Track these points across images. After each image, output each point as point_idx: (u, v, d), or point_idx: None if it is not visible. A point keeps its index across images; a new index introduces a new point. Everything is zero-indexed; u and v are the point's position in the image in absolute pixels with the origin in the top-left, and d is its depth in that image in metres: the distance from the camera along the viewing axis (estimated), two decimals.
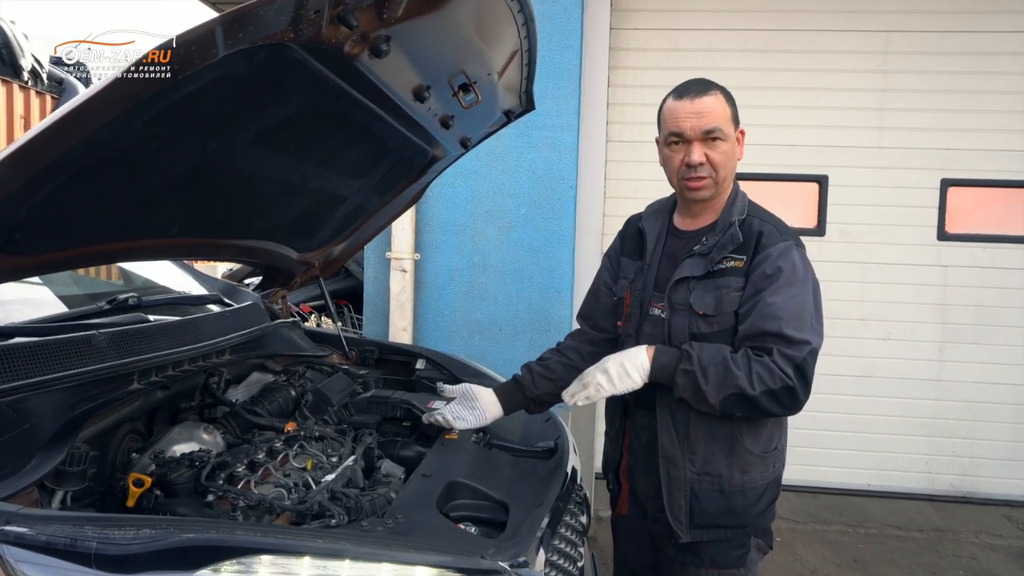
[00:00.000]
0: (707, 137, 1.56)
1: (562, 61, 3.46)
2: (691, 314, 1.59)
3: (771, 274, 1.53)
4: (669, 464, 1.62)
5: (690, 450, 1.60)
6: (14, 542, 0.89)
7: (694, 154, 1.57)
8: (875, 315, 3.96)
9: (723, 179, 1.60)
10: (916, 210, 3.87)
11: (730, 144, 1.59)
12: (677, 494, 1.61)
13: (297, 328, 2.53)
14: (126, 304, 1.84)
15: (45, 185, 1.06)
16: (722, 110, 1.57)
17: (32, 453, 1.21)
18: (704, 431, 1.59)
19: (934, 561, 3.34)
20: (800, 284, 1.55)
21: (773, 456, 1.66)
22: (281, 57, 1.16)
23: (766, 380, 1.47)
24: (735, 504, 1.60)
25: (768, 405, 1.49)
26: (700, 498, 1.60)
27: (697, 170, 1.58)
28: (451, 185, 3.54)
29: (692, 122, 1.56)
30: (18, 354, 1.31)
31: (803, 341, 1.49)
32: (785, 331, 1.48)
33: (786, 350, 1.48)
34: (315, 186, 1.91)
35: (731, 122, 1.59)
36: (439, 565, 1.08)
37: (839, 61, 3.82)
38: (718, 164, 1.57)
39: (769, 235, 1.57)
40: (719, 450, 1.59)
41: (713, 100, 1.57)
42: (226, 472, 1.51)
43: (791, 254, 1.55)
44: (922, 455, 4.03)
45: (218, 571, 0.92)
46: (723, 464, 1.59)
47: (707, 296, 1.58)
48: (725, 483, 1.60)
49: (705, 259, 1.60)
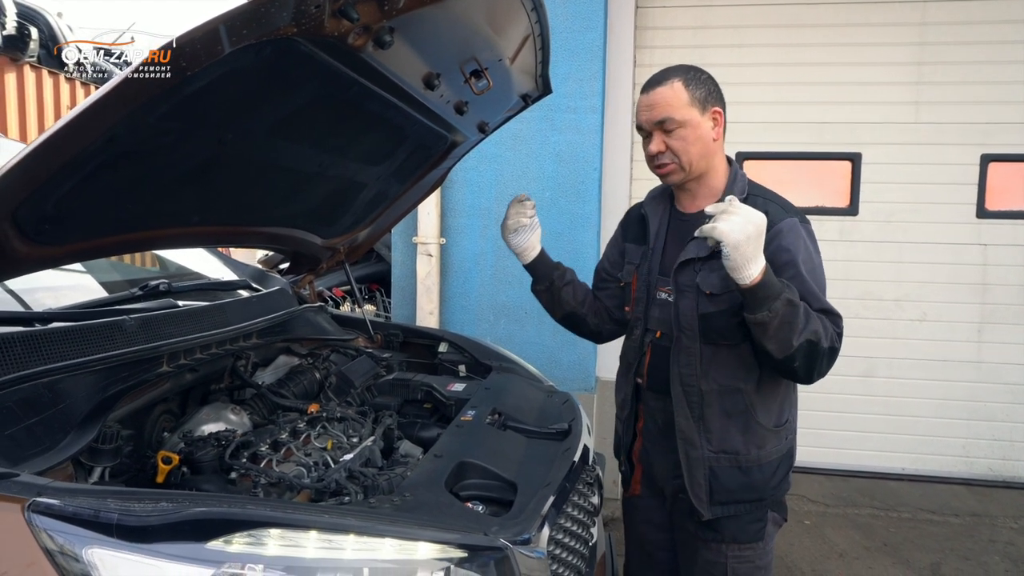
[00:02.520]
0: (661, 128, 1.62)
1: (585, 42, 3.43)
2: (698, 294, 1.62)
3: (788, 249, 1.56)
4: (687, 445, 1.67)
5: (706, 429, 1.65)
6: (44, 512, 0.96)
7: (652, 144, 1.65)
8: (911, 296, 3.87)
9: (688, 163, 1.63)
10: (954, 187, 3.76)
11: (690, 129, 1.61)
12: (696, 473, 1.66)
13: (323, 312, 2.60)
14: (157, 290, 1.93)
15: (70, 178, 1.12)
16: (675, 98, 1.60)
17: (66, 431, 1.28)
18: (718, 410, 1.64)
19: (968, 546, 3.28)
20: (814, 260, 1.60)
21: (785, 429, 1.71)
22: (288, 51, 1.19)
23: (831, 337, 1.52)
24: (753, 479, 1.65)
25: (821, 363, 1.52)
26: (719, 475, 1.65)
27: (658, 158, 1.65)
28: (476, 170, 3.57)
29: (646, 115, 1.64)
30: (53, 339, 1.39)
31: (839, 314, 1.56)
32: (826, 305, 1.55)
33: (830, 321, 1.54)
34: (334, 174, 1.95)
35: (689, 107, 1.60)
36: (442, 541, 1.12)
37: (872, 34, 3.71)
38: (678, 150, 1.62)
39: (775, 213, 1.59)
40: (734, 428, 1.64)
41: (666, 90, 1.61)
42: (250, 451, 1.58)
43: (798, 229, 1.59)
44: (960, 438, 3.94)
45: (229, 542, 0.98)
46: (739, 441, 1.64)
47: (712, 276, 1.60)
48: (742, 459, 1.64)
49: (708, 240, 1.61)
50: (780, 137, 3.86)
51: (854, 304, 3.91)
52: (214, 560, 0.95)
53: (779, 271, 1.52)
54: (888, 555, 3.20)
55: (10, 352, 1.29)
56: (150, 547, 0.94)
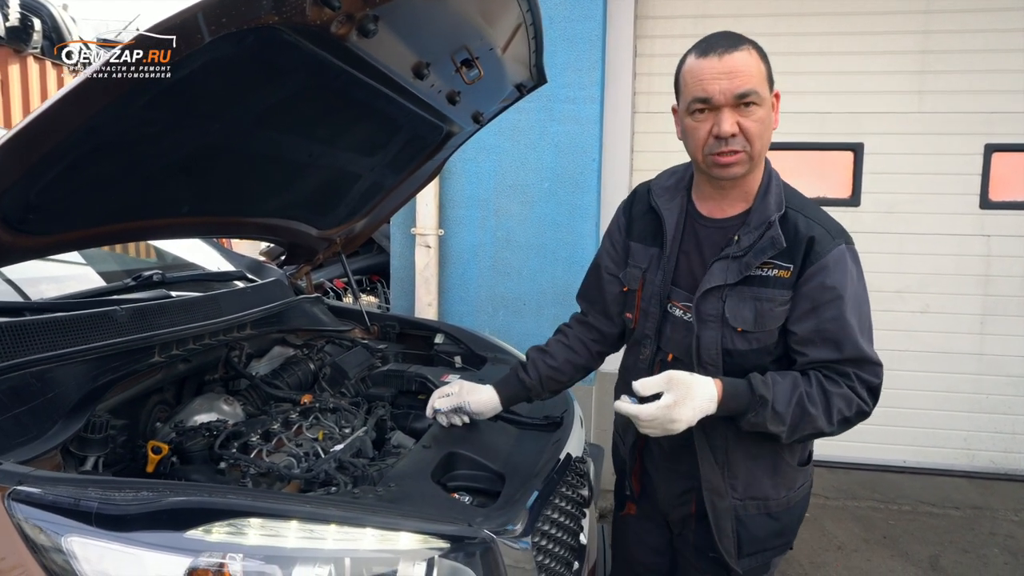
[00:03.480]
0: (740, 102, 1.28)
1: (583, 31, 3.41)
2: (724, 327, 1.39)
3: (833, 287, 1.33)
4: (713, 495, 1.46)
5: (731, 475, 1.45)
6: (24, 500, 0.96)
7: (725, 123, 1.28)
8: (912, 287, 3.84)
9: (758, 153, 1.33)
10: (957, 177, 3.73)
11: (766, 110, 1.30)
12: (724, 525, 1.47)
13: (320, 304, 2.60)
14: (150, 280, 1.94)
15: (50, 168, 1.12)
16: (756, 68, 1.29)
17: (55, 420, 1.29)
18: (743, 454, 1.44)
19: (968, 539, 3.27)
20: (862, 291, 1.39)
21: (810, 463, 1.57)
22: (271, 39, 1.18)
23: (843, 411, 1.33)
24: (783, 524, 1.49)
25: (839, 431, 1.37)
26: (747, 525, 1.47)
27: (729, 143, 1.30)
28: (474, 160, 3.56)
29: (722, 84, 1.27)
30: (43, 328, 1.39)
31: (878, 363, 1.36)
32: (866, 353, 1.34)
33: (865, 375, 1.35)
34: (325, 164, 1.95)
35: (766, 83, 1.31)
36: (423, 531, 1.12)
37: (877, 23, 3.66)
38: (753, 135, 1.30)
39: (821, 240, 1.34)
40: (762, 471, 1.45)
41: (746, 56, 1.28)
42: (240, 441, 1.58)
43: (846, 260, 1.35)
44: (961, 431, 3.92)
45: (209, 532, 0.99)
46: (768, 485, 1.46)
47: (744, 308, 1.37)
48: (772, 505, 1.47)
49: (739, 262, 1.37)
50: (781, 127, 3.74)
51: None
52: (192, 549, 0.96)
53: (821, 309, 1.33)
54: (887, 547, 3.19)
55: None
56: (129, 536, 0.95)
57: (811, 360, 1.36)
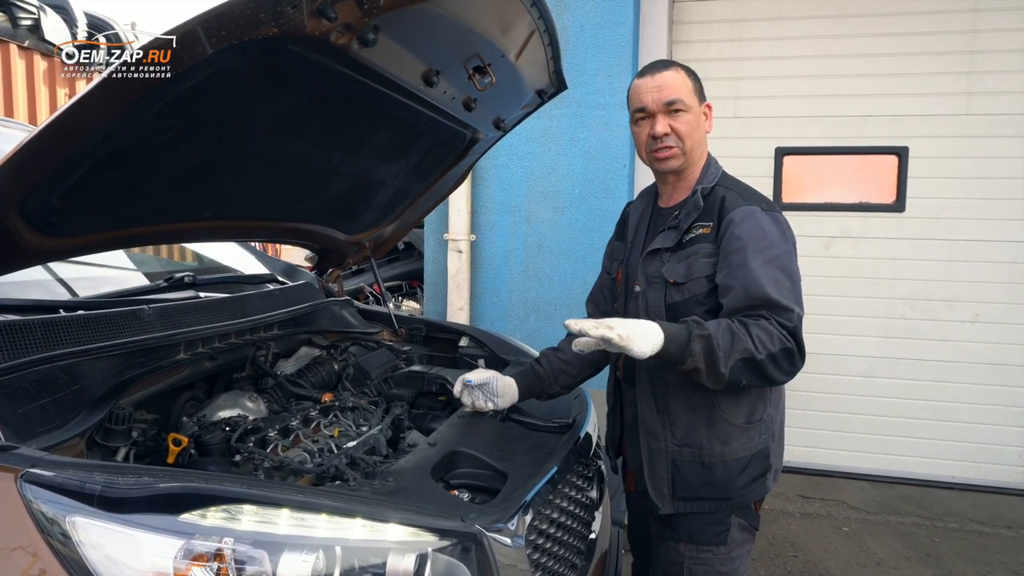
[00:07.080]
0: (669, 109, 1.62)
1: (614, 38, 3.41)
2: (664, 284, 1.63)
3: (739, 237, 1.54)
4: (650, 436, 1.66)
5: (670, 422, 1.63)
6: (35, 482, 1.03)
7: (658, 125, 1.63)
8: (961, 296, 3.69)
9: (690, 149, 1.64)
10: (1008, 181, 3.57)
11: (693, 115, 1.64)
12: (658, 466, 1.64)
13: (349, 307, 2.67)
14: (181, 282, 2.03)
15: (70, 173, 1.19)
16: (682, 83, 1.63)
17: (78, 411, 1.37)
18: (683, 402, 1.62)
19: (1020, 560, 3.11)
20: (773, 248, 1.55)
21: (756, 428, 1.63)
22: (275, 50, 1.24)
23: (767, 343, 1.46)
24: (716, 476, 1.61)
25: (771, 370, 1.48)
26: (681, 470, 1.62)
27: (663, 140, 1.63)
28: (506, 167, 3.59)
29: (653, 95, 1.63)
30: (72, 325, 1.48)
31: (789, 307, 1.50)
32: (772, 295, 1.49)
33: (780, 318, 1.49)
34: (348, 170, 2.01)
35: (693, 95, 1.64)
36: (413, 524, 1.14)
37: (921, 23, 3.56)
38: (683, 134, 1.63)
39: (731, 200, 1.60)
40: (699, 421, 1.61)
41: (672, 74, 1.64)
42: (258, 436, 1.64)
43: (756, 217, 1.56)
44: (1016, 447, 3.74)
45: (204, 516, 1.03)
46: (703, 436, 1.61)
47: (679, 266, 1.61)
48: (705, 455, 1.61)
49: (676, 231, 1.64)
50: (822, 131, 3.74)
51: (900, 304, 3.76)
52: (185, 532, 1.00)
53: (729, 258, 1.53)
54: (929, 566, 3.06)
55: (30, 336, 1.38)
56: (126, 517, 1.00)
57: (729, 309, 1.53)
